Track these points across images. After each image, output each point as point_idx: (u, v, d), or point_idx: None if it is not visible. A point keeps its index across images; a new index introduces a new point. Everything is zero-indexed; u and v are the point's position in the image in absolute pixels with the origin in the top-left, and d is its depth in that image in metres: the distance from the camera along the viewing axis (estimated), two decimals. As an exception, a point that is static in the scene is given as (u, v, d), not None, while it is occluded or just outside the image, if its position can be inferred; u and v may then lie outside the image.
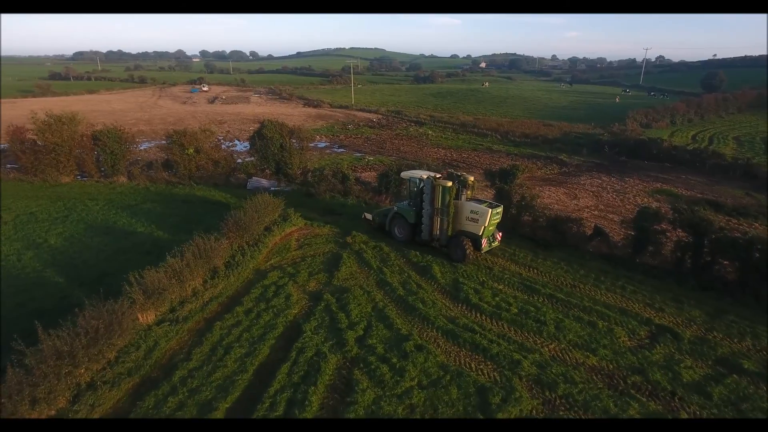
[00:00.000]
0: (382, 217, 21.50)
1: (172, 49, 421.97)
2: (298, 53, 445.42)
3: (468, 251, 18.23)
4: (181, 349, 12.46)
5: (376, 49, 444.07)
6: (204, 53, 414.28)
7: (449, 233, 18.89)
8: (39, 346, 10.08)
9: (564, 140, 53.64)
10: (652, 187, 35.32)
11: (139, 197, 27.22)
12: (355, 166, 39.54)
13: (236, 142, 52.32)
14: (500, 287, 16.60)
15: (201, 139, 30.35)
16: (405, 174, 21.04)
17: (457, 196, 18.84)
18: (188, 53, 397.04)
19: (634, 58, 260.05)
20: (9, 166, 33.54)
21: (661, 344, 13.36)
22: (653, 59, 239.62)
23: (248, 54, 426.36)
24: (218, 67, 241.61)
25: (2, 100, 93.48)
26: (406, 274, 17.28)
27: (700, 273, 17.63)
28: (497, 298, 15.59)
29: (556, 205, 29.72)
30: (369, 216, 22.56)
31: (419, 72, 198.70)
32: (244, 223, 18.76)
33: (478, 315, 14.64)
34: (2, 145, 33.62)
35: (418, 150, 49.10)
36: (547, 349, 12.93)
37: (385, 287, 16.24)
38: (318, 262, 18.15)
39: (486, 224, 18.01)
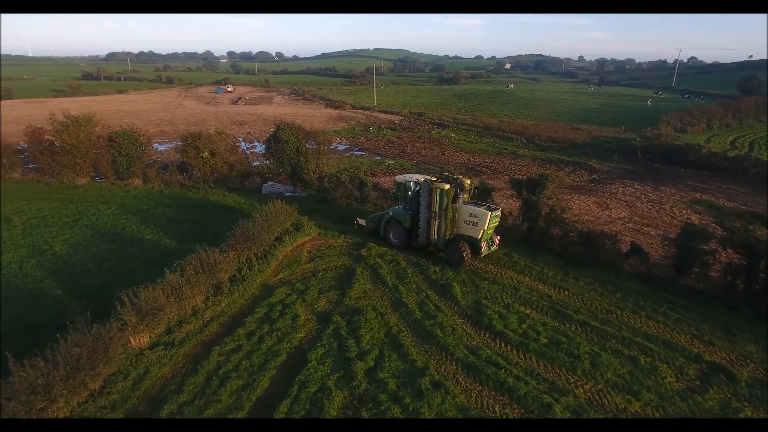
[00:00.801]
0: (376, 222, 20.79)
1: (200, 50, 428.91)
2: (323, 54, 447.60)
3: (466, 255, 17.76)
4: (174, 378, 11.38)
5: (400, 50, 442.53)
6: (231, 54, 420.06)
7: (447, 237, 18.34)
8: (10, 379, 9.12)
9: (593, 145, 51.26)
10: (691, 197, 32.97)
11: (151, 201, 26.58)
12: (374, 171, 38.34)
13: (256, 143, 51.84)
14: (527, 311, 15.06)
15: (216, 142, 29.61)
16: (399, 178, 20.41)
17: (455, 200, 18.25)
18: (216, 54, 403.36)
19: (665, 60, 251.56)
20: (30, 166, 33.55)
21: (715, 387, 11.65)
22: (685, 60, 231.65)
23: (274, 55, 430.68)
24: (244, 68, 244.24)
25: (34, 100, 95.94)
26: (423, 294, 15.90)
27: (754, 300, 15.69)
28: (524, 325, 14.07)
29: (586, 216, 27.85)
30: (362, 221, 21.52)
31: (443, 73, 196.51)
32: (253, 233, 17.71)
33: (503, 345, 13.16)
34: (20, 145, 33.56)
35: (440, 154, 47.55)
36: (582, 390, 11.36)
37: (400, 309, 14.89)
38: (329, 278, 16.94)
39: (485, 228, 17.56)
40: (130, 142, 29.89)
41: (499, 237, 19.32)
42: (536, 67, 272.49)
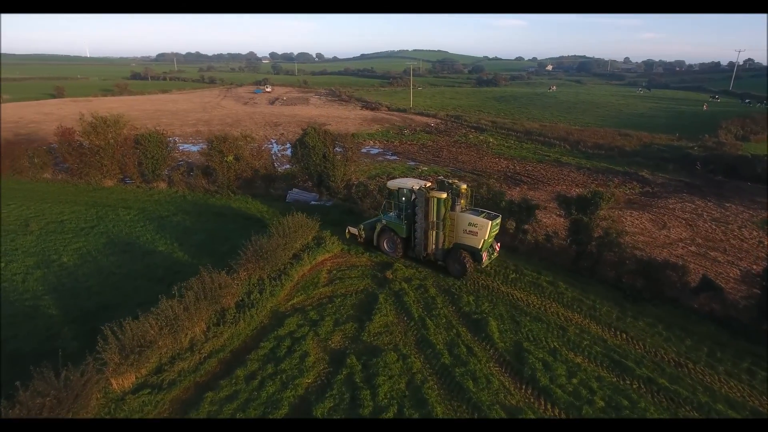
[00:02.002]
0: (369, 231, 19.59)
1: (244, 50, 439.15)
2: (362, 55, 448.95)
3: (468, 266, 16.95)
4: (156, 432, 9.75)
5: (439, 51, 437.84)
6: (273, 55, 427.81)
7: (446, 247, 17.47)
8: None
9: (645, 153, 47.31)
10: (762, 216, 29.15)
11: (172, 207, 25.57)
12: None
13: (288, 145, 50.79)
14: (578, 360, 12.65)
15: (241, 146, 28.38)
16: (392, 184, 19.28)
17: (452, 207, 17.33)
18: (259, 55, 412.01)
19: (718, 61, 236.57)
20: (62, 166, 33.48)
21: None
22: (741, 62, 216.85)
23: (314, 56, 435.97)
24: (284, 69, 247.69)
25: (81, 99, 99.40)
26: (454, 331, 13.74)
27: None
28: (575, 380, 11.69)
29: (641, 237, 24.86)
30: (354, 230, 19.79)
31: (482, 74, 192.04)
32: (268, 251, 16.06)
33: (549, 406, 10.85)
34: (54, 145, 33.54)
35: (478, 160, 44.94)
36: (652, 480, 8.96)
37: (426, 350, 12.81)
38: (348, 306, 15.04)
39: (486, 237, 16.73)
40: (155, 144, 29.11)
41: (499, 244, 18.51)
42: (579, 68, 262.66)
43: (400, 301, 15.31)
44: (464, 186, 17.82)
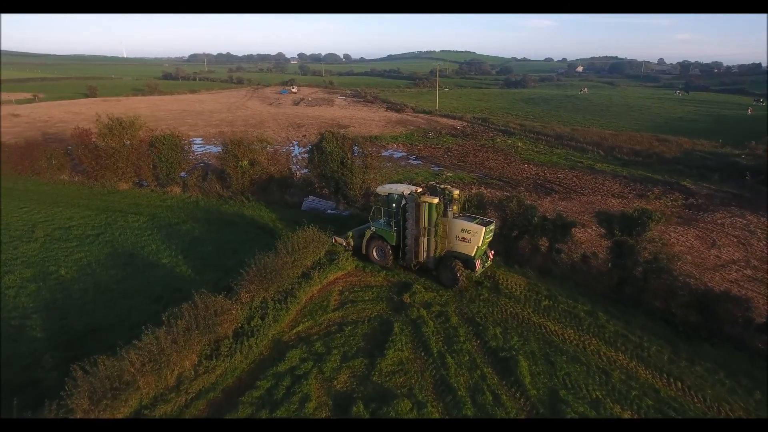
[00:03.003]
0: (358, 239, 18.67)
1: (273, 51, 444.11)
2: (389, 56, 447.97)
3: (460, 275, 16.22)
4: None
5: (466, 51, 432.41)
6: (301, 56, 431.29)
7: (437, 255, 16.81)
8: None
9: (686, 161, 44.15)
10: (825, 235, 26.21)
11: (183, 214, 24.52)
12: (429, 184, 34.49)
13: (310, 147, 49.67)
14: (626, 416, 10.69)
15: (257, 150, 27.16)
16: (381, 189, 18.43)
17: (444, 213, 16.61)
18: (287, 56, 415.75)
19: (759, 63, 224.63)
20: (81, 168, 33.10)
21: None
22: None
23: (342, 57, 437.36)
24: (311, 69, 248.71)
25: (112, 98, 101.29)
26: (478, 373, 11.94)
27: None
28: (624, 444, 9.74)
29: (687, 256, 22.45)
30: (341, 240, 18.73)
31: (510, 76, 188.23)
32: (273, 269, 14.61)
33: (594, 480, 8.97)
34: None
35: (505, 165, 42.71)
36: None
37: (446, 396, 11.05)
38: (359, 336, 13.42)
39: (479, 244, 16.06)
40: (170, 147, 28.20)
41: (493, 251, 17.69)
42: (611, 70, 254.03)
43: (418, 332, 13.59)
44: (456, 191, 17.13)
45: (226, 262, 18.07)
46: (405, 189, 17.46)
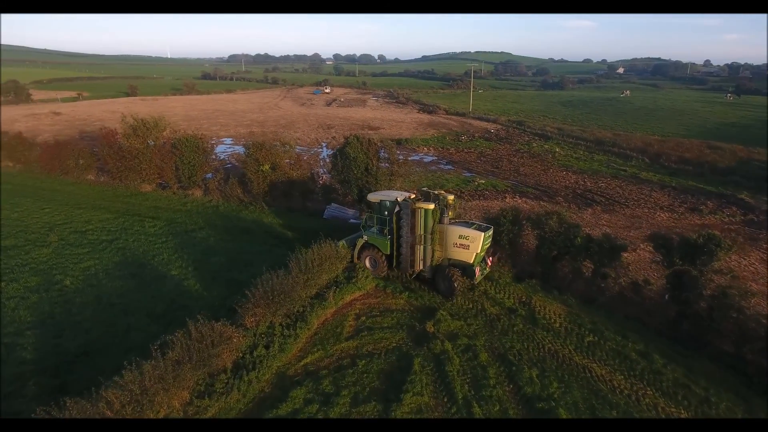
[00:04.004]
0: (351, 248, 17.83)
1: (310, 52, 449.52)
2: (424, 57, 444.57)
3: (457, 284, 15.58)
4: None
5: (502, 52, 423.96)
6: (337, 56, 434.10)
7: (434, 263, 16.21)
8: None
9: (742, 171, 40.30)
10: None
11: (201, 219, 23.64)
12: (461, 191, 32.57)
13: (333, 151, 48.58)
14: (694, 498, 8.68)
15: (279, 154, 26.01)
16: (373, 196, 17.86)
17: (440, 220, 16.06)
18: (323, 56, 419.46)
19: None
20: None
21: None
22: None
23: (376, 57, 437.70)
24: (345, 70, 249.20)
25: (149, 98, 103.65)
26: (510, 427, 10.12)
27: None
28: None
29: (752, 284, 19.73)
30: None
31: (547, 77, 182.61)
32: (282, 291, 13.21)
33: None
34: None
35: (542, 173, 40.12)
36: None
37: (470, 458, 9.32)
38: (374, 373, 11.81)
39: (478, 250, 15.55)
40: (191, 149, 27.45)
41: (491, 258, 17.12)
42: (654, 71, 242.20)
43: (441, 371, 11.88)
44: (451, 197, 16.74)
45: (237, 276, 16.86)
46: (399, 195, 16.85)
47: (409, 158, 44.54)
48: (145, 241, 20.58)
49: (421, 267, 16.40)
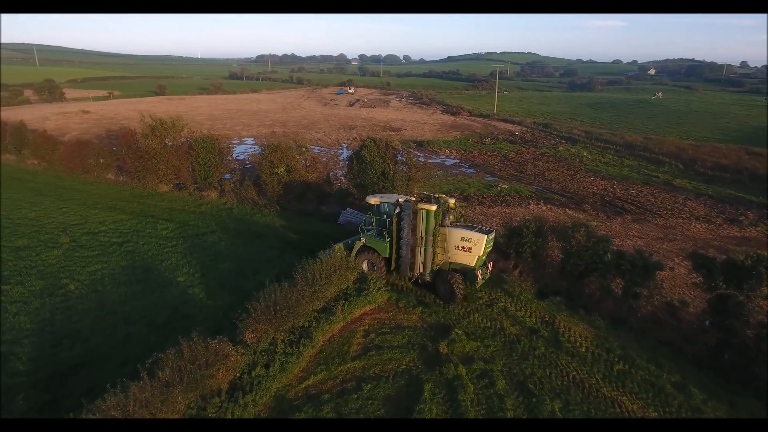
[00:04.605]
0: (348, 252, 17.19)
1: (335, 52, 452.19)
2: (449, 57, 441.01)
3: (458, 290, 15.32)
4: None
5: (528, 53, 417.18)
6: (362, 57, 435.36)
7: (435, 267, 15.89)
8: None
9: (786, 178, 37.73)
10: None
11: (214, 222, 23.21)
12: (483, 196, 31.37)
13: (350, 154, 47.88)
14: None
15: (294, 157, 25.37)
16: (373, 198, 17.40)
17: (441, 223, 15.73)
18: (348, 57, 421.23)
19: None
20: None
21: None
22: None
23: (401, 58, 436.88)
24: (370, 70, 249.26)
25: (175, 97, 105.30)
26: (528, 470, 9.09)
27: None
28: None
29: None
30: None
31: (575, 78, 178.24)
32: (287, 305, 12.44)
33: None
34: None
35: (568, 178, 38.42)
36: None
37: (481, 505, 8.33)
38: (380, 399, 10.90)
39: (480, 253, 15.24)
40: (207, 150, 27.10)
41: (492, 263, 16.75)
42: (688, 73, 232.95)
43: (453, 400, 10.87)
44: (452, 200, 16.42)
45: (244, 284, 16.22)
46: (400, 197, 16.60)
47: (431, 161, 43.53)
48: (155, 244, 20.21)
49: (421, 270, 16.03)
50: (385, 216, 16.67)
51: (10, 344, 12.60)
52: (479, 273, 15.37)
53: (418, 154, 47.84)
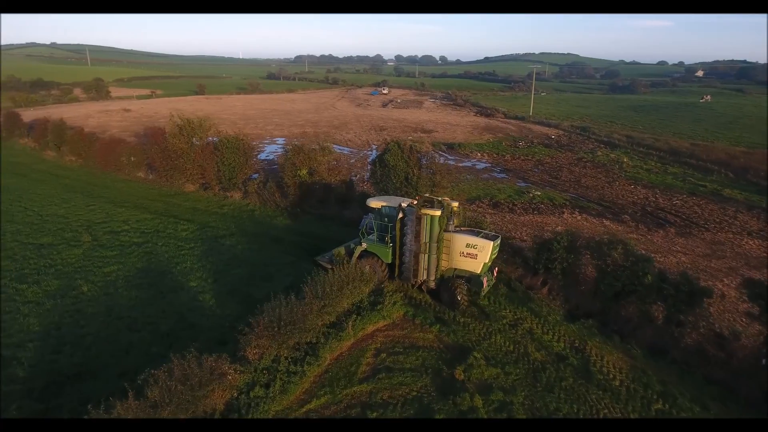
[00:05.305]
0: (347, 257, 16.78)
1: (372, 53, 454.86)
2: (486, 58, 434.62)
3: (461, 298, 14.90)
4: None
5: (568, 54, 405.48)
6: (398, 57, 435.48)
7: (439, 273, 15.55)
8: None
9: None
10: None
11: (233, 225, 22.93)
12: (513, 203, 29.93)
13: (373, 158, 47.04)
14: None
15: (317, 159, 24.77)
16: (374, 202, 17.04)
17: (445, 227, 15.41)
18: (385, 57, 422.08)
19: None
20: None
21: None
22: None
23: (438, 59, 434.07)
24: (405, 71, 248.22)
25: (213, 96, 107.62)
26: None
27: None
28: None
29: None
30: (325, 263, 16.86)
31: (616, 80, 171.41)
32: (291, 320, 11.70)
33: None
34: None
35: (606, 185, 36.25)
36: None
37: None
38: (385, 429, 10.01)
39: (486, 260, 14.91)
40: (232, 151, 26.90)
41: (497, 269, 16.45)
42: (739, 75, 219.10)
43: (466, 435, 9.86)
44: (455, 203, 16.05)
45: (255, 292, 15.67)
46: (403, 201, 16.25)
47: (461, 164, 42.24)
48: (173, 245, 20.03)
49: (425, 277, 15.59)
50: (386, 220, 16.23)
51: (14, 348, 12.46)
52: (485, 280, 14.94)
53: (449, 157, 46.64)
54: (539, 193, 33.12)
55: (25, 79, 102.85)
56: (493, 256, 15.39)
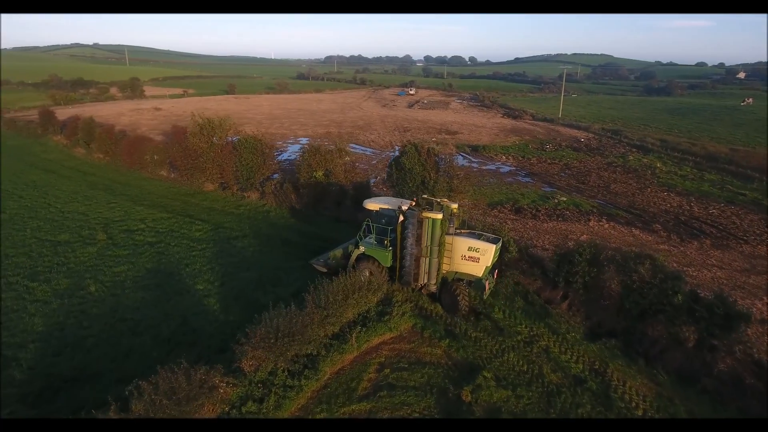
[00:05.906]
0: (343, 260, 16.52)
1: (401, 54, 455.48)
2: (516, 59, 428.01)
3: (463, 303, 14.63)
4: None
5: (601, 54, 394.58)
6: (428, 58, 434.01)
7: (441, 277, 15.34)
8: None
9: None
10: None
11: (247, 226, 22.74)
12: (537, 209, 28.77)
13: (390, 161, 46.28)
14: None
15: (334, 161, 24.31)
16: (371, 204, 16.58)
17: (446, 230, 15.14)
18: (414, 58, 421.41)
19: None
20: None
21: None
22: None
23: (467, 59, 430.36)
24: (434, 72, 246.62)
25: (242, 96, 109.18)
26: None
27: None
28: None
29: None
30: (321, 267, 16.63)
31: (652, 81, 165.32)
32: (290, 332, 11.20)
33: None
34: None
35: (637, 192, 34.48)
36: None
37: None
38: (381, 453, 9.38)
39: (489, 263, 14.75)
40: (250, 151, 26.76)
41: (498, 270, 16.34)
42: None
43: (468, 466, 9.13)
44: (455, 205, 15.78)
45: (261, 297, 15.29)
46: (403, 203, 15.98)
47: (485, 167, 41.12)
48: (185, 246, 19.93)
49: (426, 281, 15.37)
50: (384, 222, 15.82)
51: (15, 348, 12.42)
52: (487, 283, 14.80)
53: (473, 159, 45.57)
54: (565, 199, 31.78)
55: (67, 78, 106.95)
56: (495, 259, 15.25)
